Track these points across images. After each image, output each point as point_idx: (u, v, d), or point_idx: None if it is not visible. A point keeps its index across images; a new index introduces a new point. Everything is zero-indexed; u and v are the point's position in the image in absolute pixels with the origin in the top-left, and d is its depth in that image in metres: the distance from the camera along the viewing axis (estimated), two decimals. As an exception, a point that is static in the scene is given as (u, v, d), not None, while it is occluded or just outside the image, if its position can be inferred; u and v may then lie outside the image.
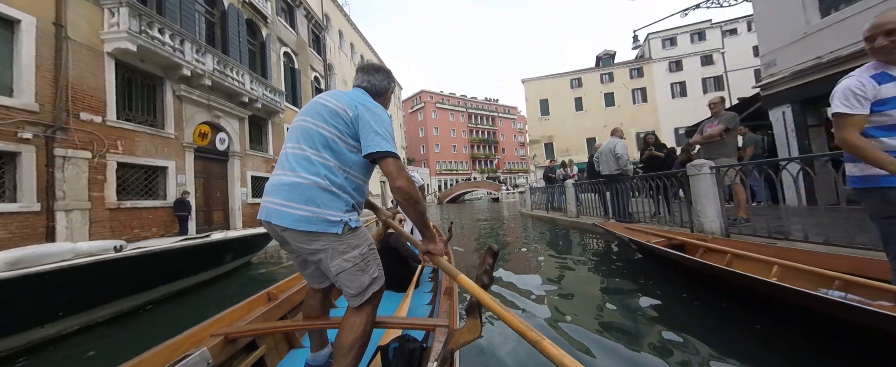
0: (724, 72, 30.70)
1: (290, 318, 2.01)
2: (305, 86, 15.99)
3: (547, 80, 33.75)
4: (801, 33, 5.12)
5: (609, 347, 2.00)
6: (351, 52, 24.20)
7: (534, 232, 7.33)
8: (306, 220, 1.13)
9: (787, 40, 5.30)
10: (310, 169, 1.17)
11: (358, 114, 1.20)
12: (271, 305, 1.87)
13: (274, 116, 12.66)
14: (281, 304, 1.93)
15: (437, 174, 50.83)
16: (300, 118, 1.29)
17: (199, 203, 9.34)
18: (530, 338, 0.80)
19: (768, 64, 5.62)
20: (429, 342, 1.56)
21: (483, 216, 14.60)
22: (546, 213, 8.95)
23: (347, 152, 1.21)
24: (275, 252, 7.54)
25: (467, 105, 58.55)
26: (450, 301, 1.80)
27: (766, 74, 5.66)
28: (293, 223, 1.14)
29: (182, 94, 8.62)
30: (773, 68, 5.56)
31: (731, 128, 3.88)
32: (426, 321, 1.55)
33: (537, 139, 33.34)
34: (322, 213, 1.14)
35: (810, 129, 5.21)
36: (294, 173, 1.18)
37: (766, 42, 5.73)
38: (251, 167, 11.36)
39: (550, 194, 9.26)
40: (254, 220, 11.15)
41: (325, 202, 1.15)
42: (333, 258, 1.17)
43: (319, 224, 1.14)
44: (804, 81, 5.06)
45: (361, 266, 1.21)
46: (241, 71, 10.50)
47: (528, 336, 0.82)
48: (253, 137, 11.91)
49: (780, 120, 5.50)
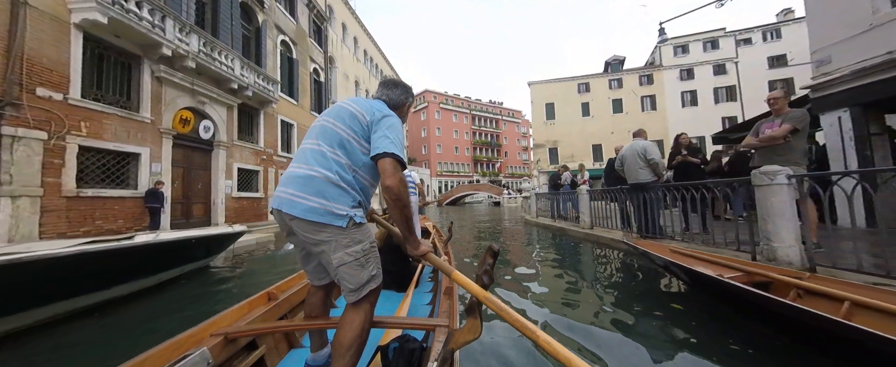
0: (737, 82, 29.92)
1: (290, 318, 2.00)
2: (303, 77, 15.29)
3: (554, 83, 33.04)
4: (867, 24, 4.37)
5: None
6: (354, 47, 23.53)
7: (541, 244, 6.56)
8: (315, 211, 1.18)
9: (847, 33, 4.55)
10: (323, 164, 1.23)
11: (373, 119, 1.28)
12: (271, 305, 1.86)
13: (267, 106, 11.94)
14: (281, 304, 1.92)
15: (438, 175, 50.08)
16: (323, 118, 1.36)
17: (177, 195, 8.61)
18: (527, 332, 0.85)
19: (821, 61, 4.85)
20: (429, 342, 1.56)
21: (483, 222, 13.84)
22: (553, 221, 8.18)
23: (359, 153, 1.27)
24: (245, 256, 6.80)
25: (471, 107, 57.86)
26: (450, 301, 1.80)
27: (819, 72, 4.88)
28: (302, 213, 1.19)
29: (162, 75, 7.90)
30: (828, 66, 4.79)
31: (799, 129, 3.12)
32: (426, 321, 1.55)
33: (542, 143, 32.59)
34: (330, 205, 1.19)
35: (873, 137, 4.44)
36: (309, 167, 1.24)
37: (820, 35, 4.96)
38: (239, 159, 10.63)
39: (556, 201, 8.50)
40: (239, 215, 10.41)
41: (334, 196, 1.20)
42: (336, 251, 1.21)
43: (326, 216, 1.18)
44: (868, 81, 4.31)
45: (362, 262, 1.23)
46: (230, 56, 9.79)
47: (525, 331, 0.85)
48: (242, 127, 11.18)
49: (834, 126, 4.72)
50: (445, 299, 1.85)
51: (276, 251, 6.98)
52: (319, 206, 1.18)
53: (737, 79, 29.94)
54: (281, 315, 1.91)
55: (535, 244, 6.52)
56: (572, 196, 7.61)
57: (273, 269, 5.38)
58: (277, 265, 5.65)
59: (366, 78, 25.24)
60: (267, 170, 12.01)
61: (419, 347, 1.41)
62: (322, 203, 1.18)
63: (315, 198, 1.18)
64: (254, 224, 10.38)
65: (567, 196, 7.62)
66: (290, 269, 4.65)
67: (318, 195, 1.19)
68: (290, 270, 4.53)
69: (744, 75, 29.77)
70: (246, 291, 3.96)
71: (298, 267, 1.89)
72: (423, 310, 2.33)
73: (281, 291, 2.04)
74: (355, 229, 1.23)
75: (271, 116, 12.51)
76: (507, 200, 33.50)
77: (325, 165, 1.22)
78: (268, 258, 6.38)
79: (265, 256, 6.66)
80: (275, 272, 5.00)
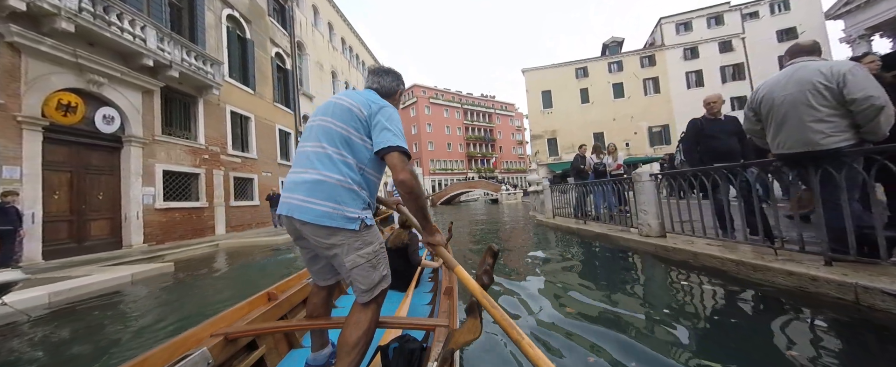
0: (745, 59, 28.02)
1: (290, 318, 1.98)
2: (262, 61, 12.89)
3: (550, 69, 30.90)
4: None
5: None
6: (329, 34, 21.10)
7: (570, 257, 4.34)
8: (327, 216, 1.17)
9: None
10: (332, 168, 1.21)
11: (371, 112, 1.25)
12: (271, 305, 1.84)
13: (206, 93, 9.56)
14: (281, 304, 1.90)
15: (431, 174, 47.73)
16: (317, 117, 1.33)
17: (60, 209, 6.25)
18: (513, 336, 0.85)
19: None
20: (429, 342, 1.56)
21: (481, 223, 11.59)
22: (579, 223, 5.89)
23: (363, 149, 1.25)
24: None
25: (463, 101, 55.47)
26: (450, 301, 1.81)
27: None
28: (315, 218, 1.17)
29: (19, 41, 5.53)
30: None
31: None
32: (426, 321, 1.56)
33: (539, 134, 30.47)
34: (342, 209, 1.17)
35: None
36: (316, 171, 1.21)
37: None
38: (166, 159, 8.25)
39: (582, 193, 6.29)
40: (167, 232, 8.07)
41: (346, 200, 1.19)
42: (349, 254, 1.21)
43: (340, 220, 1.17)
44: None
45: (373, 263, 1.24)
46: (140, 22, 7.40)
47: (510, 334, 0.86)
48: (172, 119, 8.81)
49: None
50: (445, 299, 1.87)
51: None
52: (332, 210, 1.17)
53: (744, 56, 28.02)
54: (281, 315, 1.89)
55: (561, 258, 4.28)
56: (602, 189, 5.34)
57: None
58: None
59: (345, 69, 22.84)
60: (211, 173, 9.63)
61: (419, 347, 1.40)
62: (334, 207, 1.17)
63: (327, 202, 1.17)
64: (187, 243, 8.02)
65: (604, 186, 5.36)
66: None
67: (330, 200, 1.18)
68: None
69: (752, 51, 27.86)
70: None
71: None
72: (423, 310, 2.32)
73: (281, 291, 2.03)
74: (366, 232, 1.23)
75: (216, 106, 10.13)
76: (505, 197, 31.25)
77: (334, 169, 1.21)
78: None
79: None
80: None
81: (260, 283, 3.58)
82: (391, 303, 2.21)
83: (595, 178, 6.01)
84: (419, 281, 2.80)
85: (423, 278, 3.05)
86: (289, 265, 5.23)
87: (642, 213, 3.79)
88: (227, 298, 3.55)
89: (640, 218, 3.85)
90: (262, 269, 5.26)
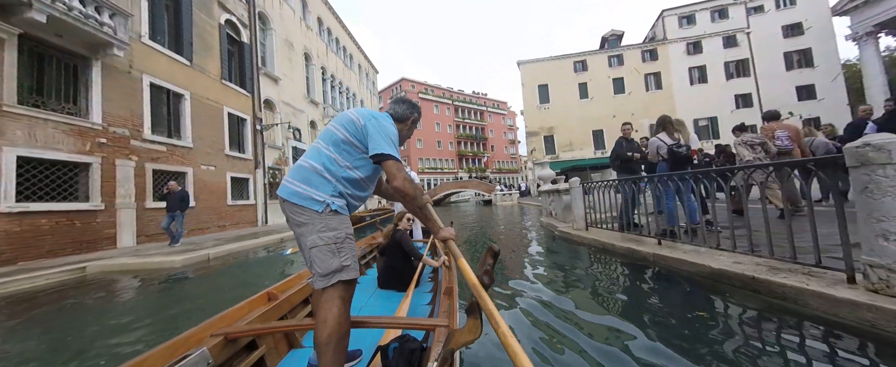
0: (750, 55, 26.62)
1: (290, 318, 1.99)
2: (204, 27, 10.35)
3: (547, 62, 28.97)
4: None
5: None
6: (303, 11, 18.53)
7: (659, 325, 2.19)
8: (297, 194, 1.30)
9: None
10: (316, 158, 1.36)
11: (366, 123, 1.39)
12: (271, 305, 1.85)
13: (105, 54, 7.01)
14: (281, 304, 1.91)
15: (420, 173, 45.21)
16: (330, 124, 1.48)
17: None
18: (502, 337, 0.83)
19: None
20: (429, 342, 1.56)
21: (473, 231, 9.34)
22: (633, 243, 3.51)
23: (351, 151, 1.37)
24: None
25: (454, 97, 53.14)
26: (450, 301, 1.81)
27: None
28: (288, 196, 1.32)
29: None
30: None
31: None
32: (426, 321, 1.57)
33: (535, 131, 28.47)
34: (310, 191, 1.29)
35: None
36: (305, 161, 1.38)
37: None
38: (25, 140, 5.73)
39: (632, 191, 4.07)
40: (28, 246, 5.56)
41: (316, 183, 1.31)
42: (310, 234, 1.28)
43: (306, 200, 1.29)
44: None
45: (333, 249, 1.27)
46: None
47: (503, 338, 0.83)
48: (44, 85, 6.25)
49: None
50: (445, 299, 1.88)
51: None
52: (301, 190, 1.29)
53: (749, 51, 26.61)
54: (281, 315, 1.89)
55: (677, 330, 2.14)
56: (676, 187, 3.12)
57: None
58: None
59: (322, 53, 20.27)
60: (112, 163, 7.09)
61: (419, 347, 1.41)
62: (304, 188, 1.29)
63: (300, 184, 1.31)
64: (51, 265, 5.52)
65: (670, 190, 3.16)
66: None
67: (303, 182, 1.31)
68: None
69: (757, 47, 26.49)
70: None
71: None
72: (423, 310, 2.31)
73: (281, 291, 2.03)
74: (331, 216, 1.29)
75: (124, 75, 7.58)
76: (500, 198, 29.07)
77: (317, 159, 1.35)
78: None
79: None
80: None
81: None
82: (391, 303, 2.36)
83: (672, 168, 3.74)
84: (419, 281, 2.75)
85: (423, 278, 3.02)
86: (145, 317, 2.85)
87: (879, 240, 1.57)
88: None
89: (875, 251, 1.62)
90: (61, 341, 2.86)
